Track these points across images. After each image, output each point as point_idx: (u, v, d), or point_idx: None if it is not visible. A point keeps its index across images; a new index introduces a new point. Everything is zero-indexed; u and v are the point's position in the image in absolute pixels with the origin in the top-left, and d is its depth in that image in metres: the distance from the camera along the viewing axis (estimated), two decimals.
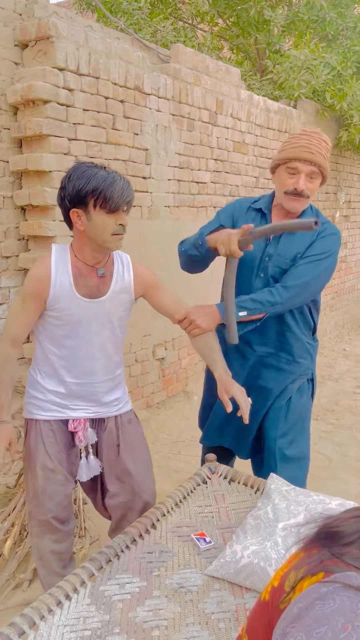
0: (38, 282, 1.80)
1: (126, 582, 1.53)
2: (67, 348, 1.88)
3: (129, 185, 1.74)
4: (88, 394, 1.94)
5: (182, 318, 2.00)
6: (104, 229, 1.73)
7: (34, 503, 1.93)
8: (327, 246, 2.06)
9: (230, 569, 1.56)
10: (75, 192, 1.71)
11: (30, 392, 1.95)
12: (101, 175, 1.70)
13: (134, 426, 2.06)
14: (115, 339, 1.95)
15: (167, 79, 3.70)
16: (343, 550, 0.87)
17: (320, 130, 2.09)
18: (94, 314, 1.85)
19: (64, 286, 1.81)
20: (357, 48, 5.71)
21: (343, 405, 4.60)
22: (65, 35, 2.85)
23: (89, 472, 1.98)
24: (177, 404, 4.30)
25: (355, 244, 7.73)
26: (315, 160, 1.98)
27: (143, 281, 1.95)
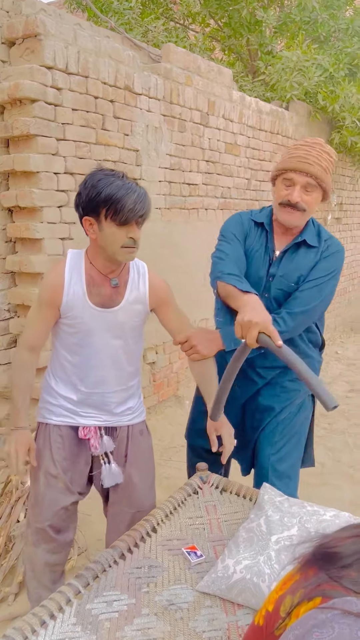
0: (52, 289, 1.77)
1: (114, 600, 1.47)
2: (79, 356, 1.84)
3: (145, 198, 1.68)
4: (99, 403, 1.89)
5: (182, 341, 1.94)
6: (114, 241, 1.69)
7: (34, 510, 1.90)
8: (331, 266, 1.99)
9: (222, 585, 1.50)
10: (88, 200, 1.66)
11: (44, 397, 1.93)
12: (116, 185, 1.64)
13: (144, 438, 2.02)
14: (129, 350, 1.90)
15: (158, 79, 3.65)
16: (341, 573, 0.82)
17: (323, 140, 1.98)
18: (106, 324, 1.81)
19: (77, 295, 1.77)
20: (349, 50, 5.69)
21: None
22: (53, 33, 2.79)
23: (112, 479, 1.92)
24: (168, 409, 4.24)
25: (347, 246, 7.71)
26: (310, 171, 1.87)
27: (157, 295, 1.89)
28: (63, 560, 2.00)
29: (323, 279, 1.97)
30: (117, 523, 2.00)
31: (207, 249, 4.44)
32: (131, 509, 1.97)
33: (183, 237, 4.17)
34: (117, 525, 1.99)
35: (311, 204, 1.93)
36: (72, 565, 2.35)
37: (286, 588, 0.92)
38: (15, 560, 2.25)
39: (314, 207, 1.96)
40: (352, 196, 7.66)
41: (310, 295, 1.95)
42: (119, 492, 1.96)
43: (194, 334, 1.93)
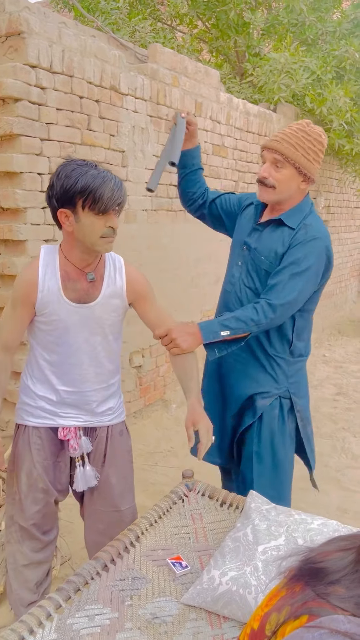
0: (25, 286, 1.72)
1: (96, 614, 1.42)
2: (57, 354, 1.80)
3: (121, 186, 1.65)
4: (79, 402, 1.85)
5: (163, 335, 1.91)
6: (92, 231, 1.65)
7: (18, 508, 1.86)
8: (308, 250, 1.97)
9: (208, 597, 1.46)
10: (63, 191, 1.62)
11: (22, 398, 1.88)
12: (91, 174, 1.61)
13: (124, 439, 1.99)
14: (109, 347, 1.86)
15: (144, 79, 3.61)
16: (328, 590, 0.78)
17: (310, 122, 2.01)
18: (83, 319, 1.77)
19: (51, 291, 1.72)
20: (337, 53, 5.69)
21: (323, 412, 4.55)
22: (37, 31, 2.74)
23: (85, 483, 1.89)
24: (154, 413, 4.19)
25: (334, 249, 7.71)
26: (277, 147, 1.93)
27: (135, 288, 1.86)
28: (48, 558, 1.97)
29: (299, 267, 1.95)
30: (94, 522, 1.97)
31: (193, 250, 4.42)
32: (107, 508, 1.94)
33: (170, 239, 4.13)
34: (95, 524, 1.97)
35: (281, 180, 1.97)
36: (54, 575, 2.30)
37: (272, 605, 0.88)
38: None
39: (288, 184, 1.98)
40: (340, 199, 7.67)
41: (290, 285, 1.94)
42: (95, 493, 1.93)
43: (174, 327, 1.90)
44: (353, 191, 7.98)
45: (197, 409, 1.82)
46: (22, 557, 1.90)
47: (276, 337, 2.10)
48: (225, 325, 1.91)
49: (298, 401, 2.18)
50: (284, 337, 2.11)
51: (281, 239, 2.02)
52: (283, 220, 2.02)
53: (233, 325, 1.91)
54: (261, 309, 1.92)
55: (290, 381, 2.15)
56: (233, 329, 1.91)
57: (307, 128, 1.96)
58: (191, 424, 1.79)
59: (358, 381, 5.46)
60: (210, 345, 1.95)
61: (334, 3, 6.39)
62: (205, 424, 1.79)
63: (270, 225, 2.07)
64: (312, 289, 2.03)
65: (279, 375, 2.13)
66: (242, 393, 2.16)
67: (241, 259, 2.12)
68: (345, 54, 5.67)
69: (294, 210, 2.04)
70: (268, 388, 2.13)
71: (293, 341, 2.12)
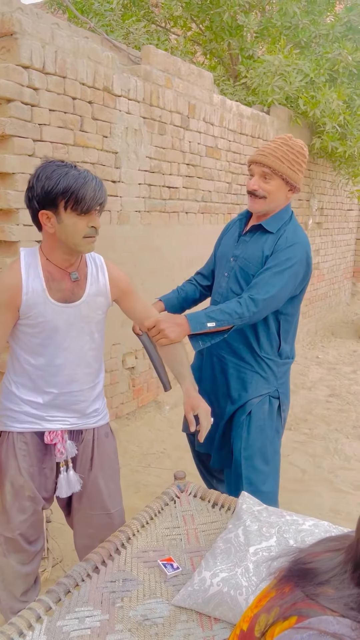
0: (8, 290, 1.69)
1: (86, 616, 1.42)
2: (43, 357, 1.78)
3: (102, 186, 1.66)
4: (68, 403, 1.84)
5: (151, 326, 1.96)
6: (75, 231, 1.64)
7: (1, 519, 1.83)
8: (290, 254, 2.08)
9: (199, 598, 1.46)
10: (44, 193, 1.61)
11: (4, 404, 1.85)
12: (72, 175, 1.60)
13: (110, 441, 1.98)
14: (95, 345, 1.86)
15: (137, 81, 3.61)
16: (317, 590, 0.78)
17: (291, 136, 2.14)
18: (70, 319, 1.76)
19: (36, 292, 1.71)
20: (330, 55, 5.71)
21: (316, 414, 4.55)
22: (30, 32, 2.73)
23: (69, 488, 1.87)
24: (147, 415, 4.19)
25: (327, 250, 7.75)
26: (265, 161, 2.07)
27: (118, 285, 1.87)
28: (35, 569, 1.95)
29: (281, 267, 2.06)
30: (83, 527, 1.96)
31: (187, 252, 4.41)
32: (97, 511, 1.93)
33: (163, 241, 4.13)
34: (85, 529, 1.96)
35: (271, 191, 2.11)
36: (46, 577, 2.28)
37: (261, 606, 0.88)
38: None
39: (276, 195, 2.12)
40: (333, 201, 7.70)
41: (271, 282, 2.05)
42: (84, 497, 1.92)
43: (162, 318, 1.96)
44: (346, 193, 8.00)
45: (193, 393, 1.88)
46: (10, 570, 1.87)
47: (265, 340, 2.19)
48: (211, 317, 2.00)
49: (285, 401, 2.28)
50: (272, 340, 2.20)
51: (266, 244, 2.14)
52: (263, 226, 2.15)
53: (219, 317, 2.00)
54: (244, 302, 2.01)
55: (279, 382, 2.24)
56: (218, 320, 2.00)
57: (289, 142, 2.09)
58: (190, 408, 1.85)
59: (351, 383, 5.47)
60: (194, 337, 2.04)
61: (327, 6, 6.41)
62: (204, 407, 1.85)
63: (255, 234, 2.19)
64: (291, 288, 2.11)
65: (269, 376, 2.21)
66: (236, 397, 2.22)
67: (227, 270, 2.23)
68: (339, 57, 5.69)
69: (274, 217, 2.17)
70: (260, 389, 2.19)
71: (281, 343, 2.21)
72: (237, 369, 2.21)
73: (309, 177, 6.57)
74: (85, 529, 1.95)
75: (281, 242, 2.11)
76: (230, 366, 2.22)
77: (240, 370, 2.21)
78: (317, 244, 7.25)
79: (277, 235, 2.13)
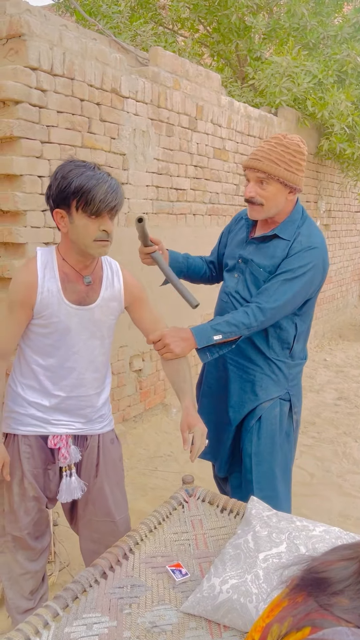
0: (24, 289, 1.69)
1: (94, 623, 1.40)
2: (53, 358, 1.77)
3: (117, 189, 1.62)
4: (74, 408, 1.83)
5: (156, 339, 1.91)
6: (85, 233, 1.63)
7: (9, 518, 1.83)
8: (303, 261, 1.98)
9: (208, 605, 1.44)
10: (58, 191, 1.61)
11: (10, 406, 1.83)
12: (86, 175, 1.59)
13: (115, 447, 1.96)
14: (104, 350, 1.85)
15: (145, 82, 3.60)
16: (331, 601, 0.76)
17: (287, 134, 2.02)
18: (83, 322, 1.75)
19: (51, 292, 1.69)
20: (338, 57, 5.69)
21: (324, 417, 4.52)
22: (38, 34, 2.73)
23: (70, 494, 1.86)
24: (154, 417, 4.17)
25: (335, 253, 7.71)
26: (258, 167, 1.94)
27: (132, 292, 1.85)
28: (43, 567, 1.96)
29: (295, 273, 1.97)
30: (89, 532, 1.95)
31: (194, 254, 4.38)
32: (102, 517, 1.91)
33: (170, 243, 4.11)
34: (90, 534, 1.95)
35: (268, 197, 1.98)
36: (53, 582, 2.27)
37: (273, 615, 0.86)
38: None
39: (275, 200, 1.99)
40: (341, 203, 7.66)
41: (281, 290, 1.96)
42: (90, 504, 1.90)
43: (168, 332, 1.90)
44: (354, 195, 7.97)
45: (192, 412, 1.83)
46: (18, 566, 1.87)
47: (275, 341, 2.12)
48: (217, 330, 1.94)
49: (297, 403, 2.21)
50: (283, 342, 2.13)
51: (279, 250, 2.03)
52: (279, 235, 2.04)
53: (225, 329, 1.94)
54: (252, 312, 1.95)
55: (290, 384, 2.17)
56: (225, 332, 1.94)
57: (284, 141, 1.96)
58: (187, 427, 1.79)
59: (359, 386, 5.43)
60: (202, 349, 1.97)
61: (335, 7, 6.39)
62: (200, 427, 1.79)
63: (263, 239, 2.08)
64: (303, 296, 2.03)
65: (280, 379, 2.15)
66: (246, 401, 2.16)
67: (238, 272, 2.15)
68: (347, 58, 5.67)
69: (286, 222, 2.05)
70: (270, 393, 2.14)
71: (293, 345, 2.14)
72: (246, 371, 2.15)
73: (316, 178, 6.54)
74: (90, 534, 1.94)
75: (295, 246, 2.00)
76: (237, 369, 2.16)
77: (249, 373, 2.15)
78: None
79: (291, 240, 2.02)
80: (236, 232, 2.24)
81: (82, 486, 1.87)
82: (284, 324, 2.09)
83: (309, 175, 6.32)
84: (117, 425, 3.71)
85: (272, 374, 2.13)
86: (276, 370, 2.13)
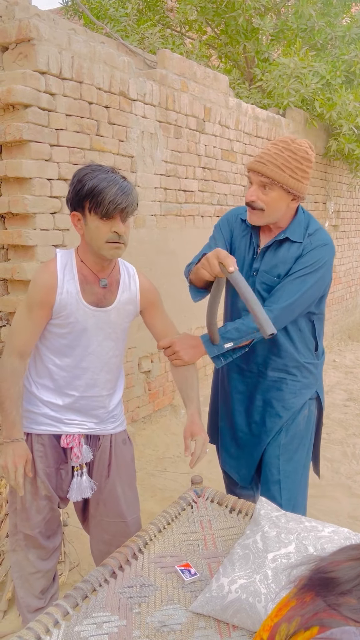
0: (45, 289, 1.71)
1: (104, 622, 1.41)
2: (69, 358, 1.79)
3: (128, 191, 1.62)
4: (87, 408, 1.85)
5: (166, 346, 1.93)
6: (98, 235, 1.65)
7: (21, 517, 1.85)
8: (314, 259, 1.94)
9: (217, 605, 1.44)
10: (74, 194, 1.65)
11: (24, 405, 1.86)
12: (99, 178, 1.61)
13: (127, 447, 1.98)
14: (118, 352, 1.88)
15: (153, 85, 3.61)
16: (339, 600, 0.77)
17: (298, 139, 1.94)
18: (99, 323, 1.77)
19: (70, 293, 1.72)
20: (346, 57, 5.68)
21: (333, 418, 4.51)
22: (47, 38, 2.75)
23: (80, 493, 1.88)
24: (163, 419, 4.18)
25: (344, 253, 7.68)
26: (262, 170, 1.86)
27: (147, 296, 1.88)
28: (54, 566, 1.97)
29: (305, 271, 1.93)
30: (100, 532, 1.96)
31: None
32: (114, 518, 1.93)
33: (178, 244, 4.12)
34: (101, 535, 1.96)
35: (270, 203, 1.90)
36: (62, 582, 2.28)
37: (282, 615, 0.86)
38: (5, 577, 2.19)
39: (277, 206, 1.91)
40: (350, 203, 7.64)
41: (290, 289, 1.91)
42: (101, 504, 1.92)
43: (177, 340, 1.92)
44: None
45: (196, 420, 1.84)
46: (29, 565, 1.89)
47: (301, 344, 2.08)
48: (227, 338, 1.91)
49: (322, 397, 2.20)
50: (308, 342, 2.10)
51: (289, 255, 1.98)
52: (290, 239, 1.97)
53: (235, 336, 1.91)
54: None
55: (318, 383, 2.17)
56: (235, 339, 1.91)
57: (292, 146, 1.87)
58: (189, 435, 1.82)
59: None
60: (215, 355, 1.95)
61: (343, 8, 6.38)
62: (203, 436, 1.81)
63: (273, 245, 2.01)
64: (317, 293, 1.99)
65: (311, 381, 2.13)
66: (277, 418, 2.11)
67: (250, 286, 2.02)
68: (355, 59, 5.66)
69: (293, 224, 1.99)
70: (304, 397, 2.12)
71: (317, 343, 2.12)
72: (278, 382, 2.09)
73: (325, 179, 6.53)
74: (101, 535, 1.96)
75: (306, 245, 1.95)
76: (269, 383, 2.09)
77: (281, 383, 2.09)
78: None
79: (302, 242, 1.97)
80: (240, 236, 2.12)
81: (93, 486, 1.89)
82: (304, 324, 2.05)
83: (318, 176, 6.30)
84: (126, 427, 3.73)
85: (305, 378, 2.11)
86: (307, 374, 2.11)
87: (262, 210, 1.92)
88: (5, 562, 2.20)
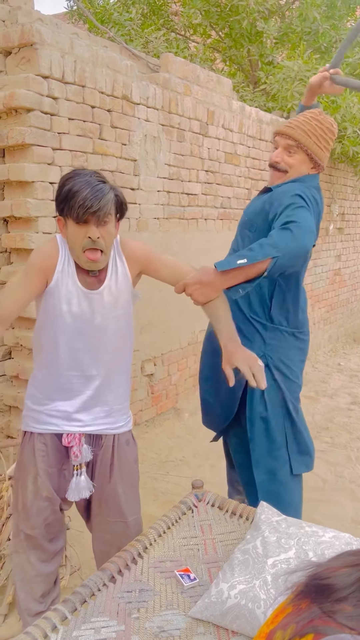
0: (46, 258, 1.71)
1: (102, 627, 1.40)
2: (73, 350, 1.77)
3: (100, 195, 1.58)
4: (91, 406, 1.84)
5: (180, 292, 1.83)
6: (74, 241, 1.64)
7: (22, 517, 1.85)
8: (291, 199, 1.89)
9: (216, 611, 1.44)
10: (56, 198, 1.67)
11: (28, 405, 1.87)
12: (75, 181, 1.61)
13: (130, 448, 1.96)
14: (122, 335, 1.83)
15: (156, 89, 3.62)
16: (335, 607, 0.76)
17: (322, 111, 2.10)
18: (95, 306, 1.75)
19: (69, 271, 1.72)
20: (350, 60, 5.67)
21: (337, 422, 4.49)
22: (49, 42, 2.76)
23: (78, 493, 1.86)
24: (166, 422, 4.17)
25: (349, 256, 7.66)
26: (290, 133, 2.01)
27: (136, 258, 1.81)
28: (55, 569, 1.96)
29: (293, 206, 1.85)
30: (101, 532, 1.95)
31: (206, 259, 4.40)
32: (114, 518, 1.91)
33: (182, 248, 4.12)
34: (102, 535, 1.95)
35: (293, 165, 2.04)
36: (64, 585, 2.28)
37: (278, 621, 0.86)
38: (5, 580, 2.18)
39: (299, 169, 2.05)
40: (355, 206, 7.62)
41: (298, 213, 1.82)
42: (103, 504, 1.91)
43: (189, 282, 1.79)
44: None
45: (229, 347, 1.73)
46: (30, 567, 1.88)
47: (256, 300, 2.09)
48: (240, 255, 1.73)
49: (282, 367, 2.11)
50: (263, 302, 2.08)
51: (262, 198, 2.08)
52: (271, 188, 2.08)
53: (247, 253, 1.73)
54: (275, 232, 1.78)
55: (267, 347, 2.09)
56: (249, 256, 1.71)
57: (319, 117, 2.02)
58: (227, 363, 1.72)
59: None
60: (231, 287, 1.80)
61: (347, 11, 6.38)
62: (240, 355, 1.70)
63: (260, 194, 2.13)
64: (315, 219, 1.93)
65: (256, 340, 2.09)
66: None
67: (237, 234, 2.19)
68: (359, 61, 5.65)
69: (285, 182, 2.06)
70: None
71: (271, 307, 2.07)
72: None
73: (329, 182, 6.52)
74: (102, 535, 1.95)
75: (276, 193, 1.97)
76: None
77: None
78: (338, 250, 7.18)
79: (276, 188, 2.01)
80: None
81: (91, 486, 1.88)
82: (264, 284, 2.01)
83: (322, 178, 6.29)
84: None
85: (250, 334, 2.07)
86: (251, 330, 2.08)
87: (285, 172, 2.04)
88: (6, 565, 2.20)
